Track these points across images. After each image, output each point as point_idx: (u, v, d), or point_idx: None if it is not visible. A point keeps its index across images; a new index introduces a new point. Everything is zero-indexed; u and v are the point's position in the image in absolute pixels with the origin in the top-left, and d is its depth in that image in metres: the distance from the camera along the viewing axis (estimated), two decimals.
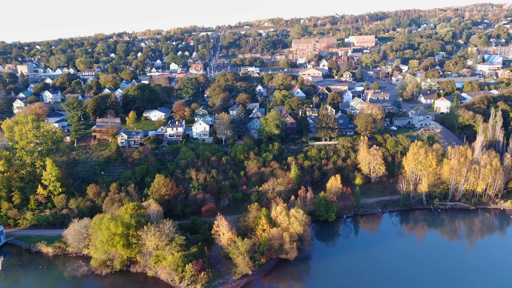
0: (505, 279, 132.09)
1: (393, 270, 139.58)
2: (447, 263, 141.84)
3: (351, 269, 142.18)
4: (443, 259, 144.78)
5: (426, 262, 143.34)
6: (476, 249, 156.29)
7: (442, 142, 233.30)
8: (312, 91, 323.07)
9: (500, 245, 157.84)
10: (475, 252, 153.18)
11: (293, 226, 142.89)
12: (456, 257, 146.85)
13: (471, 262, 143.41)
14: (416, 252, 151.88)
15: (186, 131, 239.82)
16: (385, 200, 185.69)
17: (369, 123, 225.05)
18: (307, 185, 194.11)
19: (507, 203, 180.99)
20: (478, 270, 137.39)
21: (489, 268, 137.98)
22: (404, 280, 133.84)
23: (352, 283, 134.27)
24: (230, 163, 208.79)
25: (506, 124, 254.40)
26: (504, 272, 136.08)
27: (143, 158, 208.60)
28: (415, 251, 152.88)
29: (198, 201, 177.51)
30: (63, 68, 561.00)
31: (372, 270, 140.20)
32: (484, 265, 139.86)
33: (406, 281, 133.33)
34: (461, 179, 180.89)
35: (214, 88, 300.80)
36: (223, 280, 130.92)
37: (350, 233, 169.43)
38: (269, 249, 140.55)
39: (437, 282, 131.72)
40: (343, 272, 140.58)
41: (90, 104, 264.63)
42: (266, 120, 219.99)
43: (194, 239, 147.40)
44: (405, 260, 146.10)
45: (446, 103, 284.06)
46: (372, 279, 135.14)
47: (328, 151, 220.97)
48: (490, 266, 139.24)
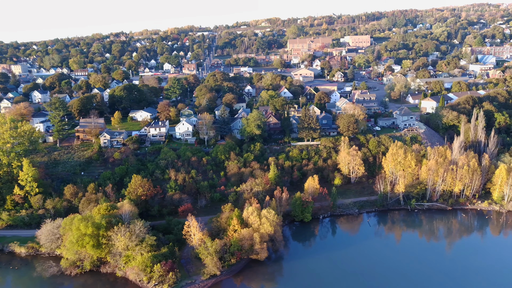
0: (480, 279, 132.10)
1: (366, 270, 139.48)
2: (421, 263, 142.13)
3: (323, 269, 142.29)
4: (417, 259, 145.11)
5: (399, 262, 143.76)
6: (451, 249, 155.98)
7: (425, 142, 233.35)
8: (300, 91, 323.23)
9: (475, 246, 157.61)
10: (449, 252, 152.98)
11: (264, 227, 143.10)
12: (431, 258, 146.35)
13: (445, 263, 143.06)
14: (390, 252, 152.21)
15: (170, 131, 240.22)
16: (363, 200, 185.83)
17: (351, 124, 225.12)
18: (286, 185, 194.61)
19: (484, 203, 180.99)
20: (451, 271, 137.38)
21: (464, 269, 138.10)
22: (378, 280, 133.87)
23: (324, 283, 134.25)
24: (211, 163, 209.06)
25: (491, 125, 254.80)
26: (479, 272, 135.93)
27: (124, 159, 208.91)
28: (389, 251, 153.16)
29: (174, 202, 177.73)
30: (57, 68, 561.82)
31: (344, 270, 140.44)
32: (458, 266, 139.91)
33: (380, 281, 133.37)
34: (439, 180, 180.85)
35: (200, 88, 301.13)
36: (191, 280, 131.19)
37: (324, 233, 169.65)
38: (239, 249, 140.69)
39: (411, 282, 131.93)
40: (315, 272, 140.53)
41: (75, 104, 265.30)
42: (248, 121, 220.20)
43: (165, 240, 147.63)
44: (378, 260, 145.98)
45: (432, 103, 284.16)
46: (344, 279, 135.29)
47: (309, 152, 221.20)
48: (465, 267, 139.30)
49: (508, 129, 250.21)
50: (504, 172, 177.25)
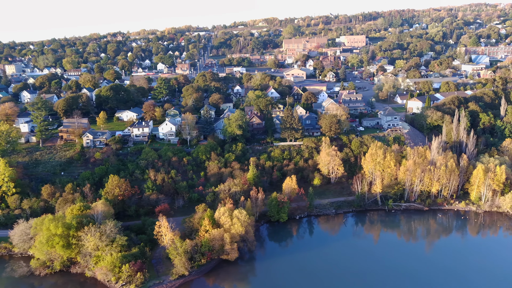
0: (453, 280, 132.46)
1: (339, 270, 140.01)
2: (394, 263, 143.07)
3: (295, 269, 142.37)
4: (390, 259, 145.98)
5: (373, 262, 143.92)
6: (423, 249, 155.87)
7: (408, 142, 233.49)
8: (287, 91, 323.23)
9: (447, 246, 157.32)
10: (421, 252, 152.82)
11: (235, 227, 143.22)
12: (404, 258, 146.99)
13: (418, 263, 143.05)
14: (363, 252, 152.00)
15: (153, 131, 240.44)
16: (341, 201, 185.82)
17: (333, 124, 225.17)
18: (266, 185, 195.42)
19: (461, 204, 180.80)
20: (424, 270, 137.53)
21: (436, 269, 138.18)
22: (350, 279, 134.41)
23: (296, 283, 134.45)
24: (192, 163, 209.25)
25: (476, 125, 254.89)
26: (449, 273, 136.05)
27: (105, 159, 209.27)
28: (362, 251, 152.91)
29: (151, 202, 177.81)
30: (51, 68, 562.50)
31: (317, 270, 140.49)
32: (431, 267, 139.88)
33: (353, 280, 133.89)
34: (416, 180, 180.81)
35: (187, 88, 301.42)
36: (159, 280, 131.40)
37: (300, 234, 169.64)
38: (210, 250, 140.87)
39: (385, 281, 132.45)
40: (286, 272, 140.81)
41: (60, 105, 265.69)
42: (229, 121, 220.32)
43: (137, 240, 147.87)
44: (351, 259, 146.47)
45: (417, 104, 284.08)
46: (316, 278, 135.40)
47: (291, 152, 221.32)
48: (438, 268, 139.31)
49: (492, 129, 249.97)
50: (481, 172, 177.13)
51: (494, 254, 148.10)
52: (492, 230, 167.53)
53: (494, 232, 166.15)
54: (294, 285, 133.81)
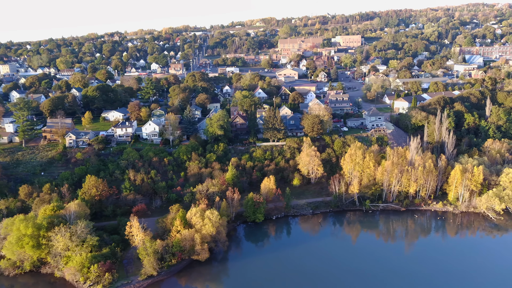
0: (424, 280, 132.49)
1: (312, 269, 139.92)
2: (365, 262, 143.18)
3: (269, 269, 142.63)
4: (364, 258, 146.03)
5: (346, 261, 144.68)
6: (391, 250, 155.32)
7: (391, 143, 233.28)
8: (275, 91, 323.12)
9: (420, 246, 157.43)
10: (388, 252, 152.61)
11: (206, 228, 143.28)
12: (374, 258, 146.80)
13: (384, 262, 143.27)
14: (338, 251, 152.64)
15: (137, 131, 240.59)
16: (318, 201, 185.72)
17: (315, 124, 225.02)
18: (245, 186, 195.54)
19: (438, 204, 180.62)
20: (396, 270, 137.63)
21: (405, 268, 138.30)
22: (323, 279, 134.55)
23: (267, 283, 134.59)
24: (172, 163, 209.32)
25: (461, 125, 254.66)
26: (420, 273, 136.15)
27: (86, 159, 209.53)
28: (337, 250, 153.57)
29: (129, 202, 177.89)
30: (44, 68, 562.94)
31: (291, 270, 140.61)
32: (396, 266, 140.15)
33: (325, 280, 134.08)
34: (394, 181, 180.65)
35: (174, 88, 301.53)
36: (127, 281, 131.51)
37: (275, 234, 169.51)
38: (181, 250, 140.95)
39: (361, 281, 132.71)
40: (259, 272, 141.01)
41: (45, 105, 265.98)
42: (211, 121, 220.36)
43: (110, 240, 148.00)
44: (325, 259, 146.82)
45: (404, 104, 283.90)
46: (289, 279, 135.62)
47: (273, 152, 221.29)
48: (406, 267, 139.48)
49: (477, 130, 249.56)
50: (459, 173, 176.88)
51: (467, 255, 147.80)
52: (466, 230, 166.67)
53: (468, 232, 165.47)
54: (267, 285, 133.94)
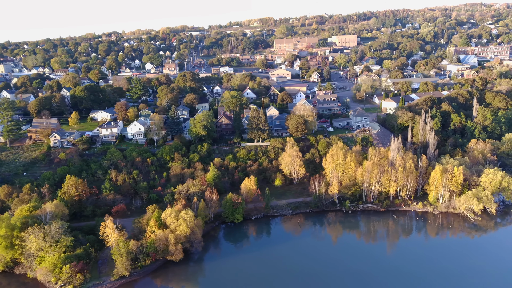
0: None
1: (289, 270, 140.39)
2: (342, 262, 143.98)
3: (245, 269, 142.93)
4: (340, 258, 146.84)
5: (322, 261, 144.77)
6: (361, 250, 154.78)
7: (376, 143, 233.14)
8: (264, 92, 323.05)
9: (392, 248, 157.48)
10: (357, 253, 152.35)
11: (180, 228, 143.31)
12: (352, 258, 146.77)
13: (360, 263, 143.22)
14: (313, 251, 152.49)
15: (123, 131, 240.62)
16: (299, 201, 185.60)
17: (299, 125, 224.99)
18: (227, 186, 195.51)
19: (418, 205, 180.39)
20: (361, 271, 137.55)
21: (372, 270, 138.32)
22: (300, 280, 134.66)
23: (242, 283, 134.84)
24: (155, 164, 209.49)
25: (447, 125, 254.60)
26: (399, 273, 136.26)
27: (69, 159, 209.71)
28: (314, 250, 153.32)
29: (108, 202, 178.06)
30: (39, 68, 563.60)
31: (267, 270, 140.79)
32: (365, 267, 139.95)
33: (302, 280, 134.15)
34: (374, 181, 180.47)
35: (162, 88, 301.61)
36: (99, 281, 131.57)
37: (253, 234, 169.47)
38: (155, 250, 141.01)
39: (335, 282, 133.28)
40: (234, 272, 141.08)
41: (32, 105, 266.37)
42: (194, 121, 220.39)
43: (85, 241, 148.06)
44: (301, 258, 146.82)
45: (391, 104, 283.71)
46: (265, 279, 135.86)
47: (257, 152, 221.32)
48: (373, 268, 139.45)
49: (463, 130, 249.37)
50: (439, 173, 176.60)
51: (442, 256, 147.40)
52: (443, 231, 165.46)
53: (444, 233, 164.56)
54: (244, 284, 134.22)
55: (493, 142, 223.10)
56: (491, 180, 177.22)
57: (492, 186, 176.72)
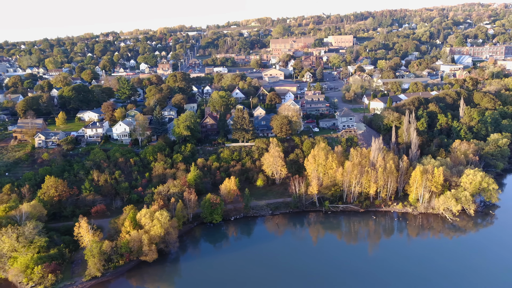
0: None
1: (265, 270, 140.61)
2: (319, 263, 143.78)
3: (220, 269, 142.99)
4: (317, 259, 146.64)
5: (298, 262, 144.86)
6: (334, 251, 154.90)
7: (361, 143, 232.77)
8: (253, 92, 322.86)
9: (361, 248, 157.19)
10: (329, 253, 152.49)
11: (154, 229, 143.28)
12: (327, 258, 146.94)
13: (321, 264, 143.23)
14: (290, 251, 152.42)
15: (109, 132, 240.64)
16: (279, 202, 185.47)
17: (283, 125, 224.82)
18: (208, 186, 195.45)
19: (398, 205, 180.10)
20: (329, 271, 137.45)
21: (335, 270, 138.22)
22: (276, 280, 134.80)
23: (217, 283, 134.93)
24: (139, 164, 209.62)
25: (434, 126, 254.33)
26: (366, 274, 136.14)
27: (51, 159, 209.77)
28: (290, 251, 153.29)
29: (88, 203, 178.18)
30: (33, 68, 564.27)
31: (243, 270, 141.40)
32: (333, 268, 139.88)
33: (277, 280, 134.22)
34: (354, 182, 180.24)
35: (150, 89, 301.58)
36: (71, 282, 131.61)
37: (231, 235, 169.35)
38: (129, 251, 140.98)
39: (314, 280, 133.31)
40: (209, 272, 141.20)
41: (19, 105, 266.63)
42: (178, 122, 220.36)
43: (60, 241, 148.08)
44: (276, 259, 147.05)
45: (379, 104, 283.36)
46: (240, 279, 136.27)
47: (241, 153, 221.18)
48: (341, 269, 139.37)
49: (449, 130, 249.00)
50: (419, 174, 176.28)
51: (417, 256, 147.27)
52: (421, 231, 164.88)
53: (422, 233, 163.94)
54: (220, 285, 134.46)
55: (477, 143, 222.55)
56: (471, 181, 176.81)
57: (472, 186, 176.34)
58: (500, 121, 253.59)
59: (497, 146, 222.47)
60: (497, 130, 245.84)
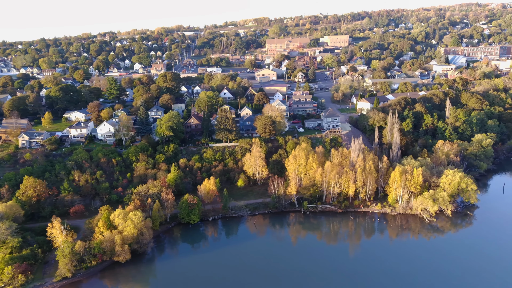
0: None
1: (240, 270, 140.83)
2: (297, 263, 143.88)
3: (195, 269, 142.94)
4: (289, 258, 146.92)
5: (272, 262, 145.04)
6: (309, 251, 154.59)
7: (345, 144, 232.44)
8: (241, 92, 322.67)
9: (336, 249, 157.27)
10: (304, 253, 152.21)
11: (127, 229, 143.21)
12: (305, 258, 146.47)
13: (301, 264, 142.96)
14: (266, 252, 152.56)
15: (93, 132, 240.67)
16: (258, 202, 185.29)
17: (267, 125, 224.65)
18: (189, 187, 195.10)
19: (377, 206, 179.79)
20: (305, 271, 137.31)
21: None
22: (252, 280, 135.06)
23: (190, 284, 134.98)
24: (121, 164, 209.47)
25: (420, 126, 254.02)
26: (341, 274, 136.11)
27: (34, 159, 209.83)
28: (266, 251, 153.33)
29: (67, 203, 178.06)
30: (27, 68, 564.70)
31: (218, 271, 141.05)
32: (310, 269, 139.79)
33: (253, 281, 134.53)
34: (333, 182, 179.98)
35: (138, 89, 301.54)
36: (41, 282, 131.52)
37: (208, 235, 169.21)
38: (102, 251, 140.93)
39: (290, 281, 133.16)
40: (185, 272, 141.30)
41: (6, 105, 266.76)
42: (160, 122, 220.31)
43: (34, 242, 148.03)
44: (253, 259, 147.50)
45: (366, 105, 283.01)
46: (215, 279, 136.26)
47: (224, 153, 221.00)
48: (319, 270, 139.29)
49: (435, 131, 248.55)
50: (398, 174, 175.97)
51: (387, 257, 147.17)
52: (398, 232, 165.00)
53: (400, 234, 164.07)
54: (194, 285, 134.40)
55: (461, 143, 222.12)
56: (450, 181, 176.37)
57: (451, 187, 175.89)
58: (486, 122, 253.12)
59: (481, 146, 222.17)
60: (482, 131, 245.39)
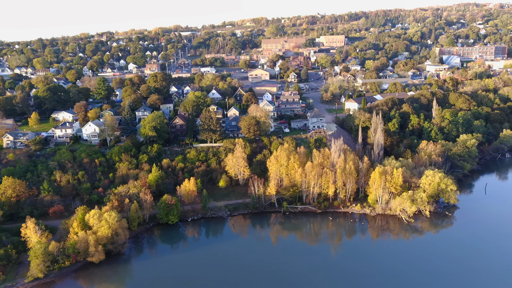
0: None
1: (218, 270, 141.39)
2: (274, 264, 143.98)
3: (171, 269, 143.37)
4: (267, 257, 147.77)
5: (251, 262, 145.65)
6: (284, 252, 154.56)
7: (330, 144, 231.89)
8: (230, 92, 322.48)
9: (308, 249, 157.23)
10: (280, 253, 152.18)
11: (101, 230, 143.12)
12: (281, 259, 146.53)
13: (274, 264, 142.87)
14: (242, 252, 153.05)
15: (78, 132, 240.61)
16: (238, 203, 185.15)
17: (251, 125, 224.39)
18: (170, 187, 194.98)
19: (357, 206, 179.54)
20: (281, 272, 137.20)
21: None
22: (230, 280, 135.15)
23: (166, 284, 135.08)
24: (104, 165, 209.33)
25: (406, 126, 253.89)
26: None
27: (16, 160, 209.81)
28: (242, 251, 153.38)
29: (46, 203, 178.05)
30: (21, 68, 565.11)
31: (195, 271, 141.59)
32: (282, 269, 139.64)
33: (231, 280, 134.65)
34: (312, 182, 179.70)
35: (126, 89, 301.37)
36: (12, 283, 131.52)
37: (186, 236, 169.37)
38: (76, 252, 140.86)
39: (267, 283, 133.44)
40: (160, 272, 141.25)
41: None
42: (144, 122, 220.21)
43: (9, 242, 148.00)
44: (229, 260, 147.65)
45: (353, 105, 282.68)
46: (190, 278, 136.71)
47: (208, 153, 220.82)
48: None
49: (421, 131, 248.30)
50: (378, 175, 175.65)
51: (362, 257, 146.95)
52: (376, 232, 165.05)
53: (378, 234, 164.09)
54: (169, 285, 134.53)
55: (445, 144, 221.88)
56: (430, 182, 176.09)
57: (431, 188, 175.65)
58: (473, 122, 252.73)
59: (465, 147, 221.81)
60: (468, 131, 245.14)
